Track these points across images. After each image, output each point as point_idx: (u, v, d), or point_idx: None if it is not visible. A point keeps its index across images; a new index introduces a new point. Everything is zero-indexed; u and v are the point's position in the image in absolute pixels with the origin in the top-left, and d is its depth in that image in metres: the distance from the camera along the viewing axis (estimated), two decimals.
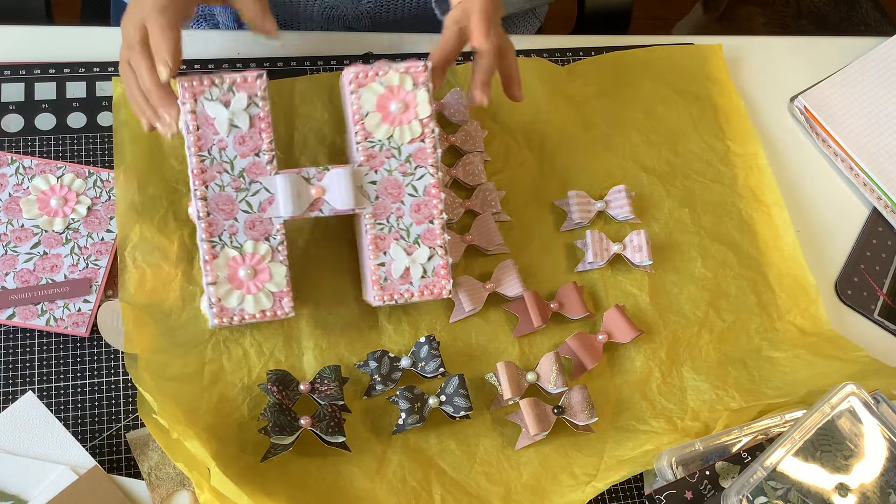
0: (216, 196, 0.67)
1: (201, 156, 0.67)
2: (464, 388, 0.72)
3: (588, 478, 0.72)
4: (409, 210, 0.71)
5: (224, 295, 0.68)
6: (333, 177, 0.70)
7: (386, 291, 0.71)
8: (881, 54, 0.99)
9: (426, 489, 0.70)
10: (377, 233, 0.71)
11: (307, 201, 0.69)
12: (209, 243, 0.68)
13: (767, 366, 0.80)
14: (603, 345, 0.78)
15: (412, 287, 0.71)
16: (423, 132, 0.71)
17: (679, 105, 0.92)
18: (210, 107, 0.67)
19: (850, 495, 0.66)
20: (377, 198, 0.70)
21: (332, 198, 0.70)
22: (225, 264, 0.68)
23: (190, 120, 0.67)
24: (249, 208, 0.68)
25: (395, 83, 0.71)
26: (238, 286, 0.68)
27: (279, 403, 0.68)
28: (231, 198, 0.68)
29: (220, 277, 0.68)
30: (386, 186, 0.71)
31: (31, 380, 0.70)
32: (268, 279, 0.68)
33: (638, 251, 0.82)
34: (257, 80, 0.68)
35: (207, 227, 0.67)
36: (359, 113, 0.71)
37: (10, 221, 0.74)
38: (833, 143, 0.94)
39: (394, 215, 0.71)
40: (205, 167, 0.67)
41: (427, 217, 0.71)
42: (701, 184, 0.89)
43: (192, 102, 0.67)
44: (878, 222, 0.92)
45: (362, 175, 0.70)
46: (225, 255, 0.68)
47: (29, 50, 0.83)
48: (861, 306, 0.87)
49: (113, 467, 0.68)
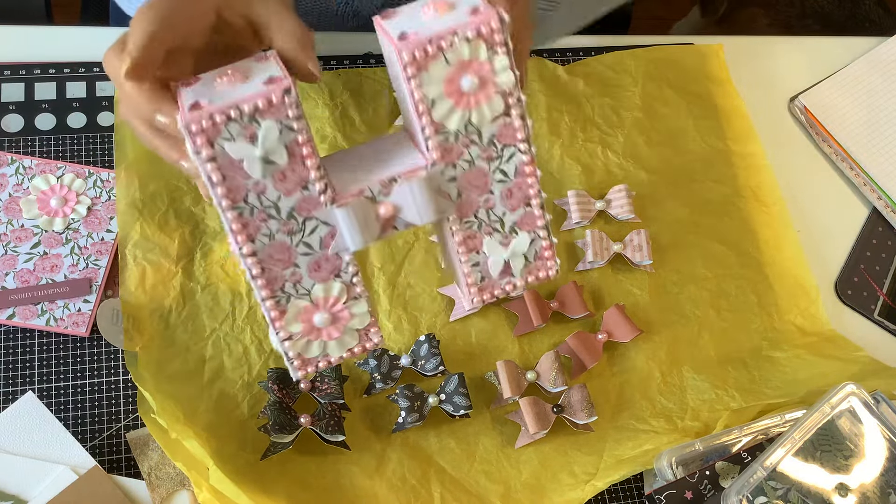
0: (267, 248, 0.54)
1: (237, 209, 0.53)
2: (463, 387, 0.72)
3: (588, 477, 0.72)
4: (499, 198, 0.58)
5: (303, 349, 0.57)
6: (405, 191, 0.55)
7: (484, 291, 0.60)
8: (881, 54, 0.99)
9: (426, 487, 0.70)
10: (466, 233, 0.58)
11: (377, 227, 0.56)
12: (272, 301, 0.55)
13: (767, 365, 0.80)
14: (603, 344, 0.78)
15: (514, 279, 0.60)
16: (506, 105, 0.55)
17: (679, 105, 0.92)
18: (233, 148, 0.51)
19: (850, 495, 0.66)
20: (459, 195, 0.57)
21: (407, 214, 0.56)
22: (296, 318, 0.56)
23: (211, 171, 0.51)
24: (310, 249, 0.55)
25: (466, 56, 0.53)
26: (317, 335, 0.57)
27: (279, 401, 0.68)
28: (285, 244, 0.55)
29: (294, 333, 0.57)
30: (469, 180, 0.57)
31: (31, 380, 0.71)
32: (349, 318, 0.57)
33: (638, 251, 0.82)
34: (285, 98, 0.51)
35: (266, 284, 0.55)
36: (423, 103, 0.54)
37: (10, 221, 0.75)
38: (833, 143, 0.94)
39: (482, 209, 0.58)
40: (245, 220, 0.53)
41: (523, 200, 0.58)
42: (701, 183, 0.89)
43: (207, 149, 0.51)
44: (878, 222, 0.92)
45: (438, 176, 0.56)
46: (294, 308, 0.56)
47: (29, 50, 0.83)
48: (861, 306, 0.87)
49: (113, 467, 0.68)
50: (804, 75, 0.98)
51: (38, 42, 0.84)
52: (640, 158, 0.89)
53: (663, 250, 0.84)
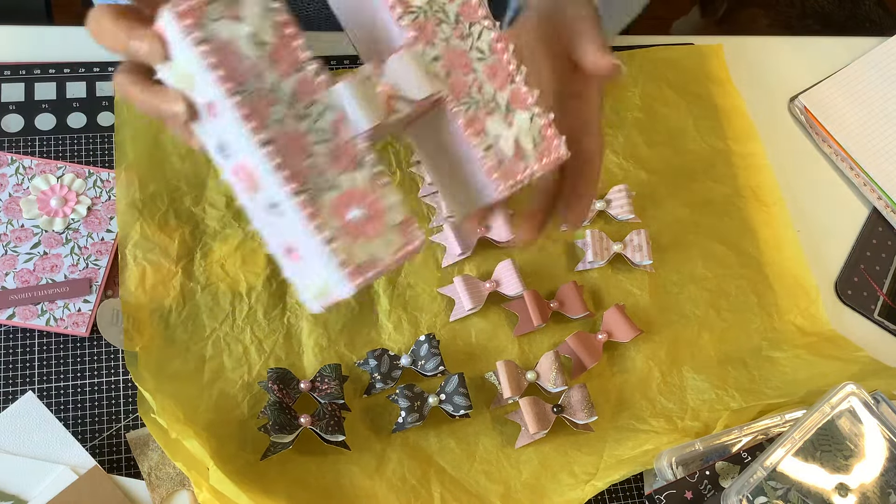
0: (281, 136, 0.51)
1: (240, 93, 0.49)
2: (463, 387, 0.72)
3: (588, 477, 0.72)
4: (485, 78, 0.57)
5: (348, 249, 0.51)
6: (395, 65, 0.55)
7: (508, 176, 0.56)
8: (881, 54, 0.99)
9: (426, 487, 0.70)
10: (467, 115, 0.56)
11: (380, 103, 0.54)
12: (304, 195, 0.50)
13: (767, 365, 0.80)
14: (603, 344, 0.78)
15: (529, 160, 0.57)
16: None
17: (679, 105, 0.92)
18: (221, 29, 0.50)
19: (850, 495, 0.66)
20: (448, 74, 0.56)
21: (405, 89, 0.54)
22: (331, 212, 0.51)
23: (207, 53, 0.49)
24: (323, 136, 0.52)
25: None
26: (358, 233, 0.52)
27: (279, 401, 0.68)
28: (298, 131, 0.51)
29: (336, 230, 0.51)
30: (451, 59, 0.56)
31: (31, 380, 0.70)
32: (385, 209, 0.53)
33: (638, 251, 0.82)
34: None
35: (291, 176, 0.50)
36: None
37: (10, 221, 0.74)
38: (833, 143, 0.94)
39: (473, 87, 0.56)
40: (252, 105, 0.50)
41: (507, 77, 0.57)
42: (701, 183, 0.89)
43: (198, 32, 0.49)
44: (878, 222, 0.92)
45: (420, 54, 0.55)
46: (326, 203, 0.51)
47: (29, 50, 0.83)
48: (861, 306, 0.87)
49: (113, 467, 0.68)
50: (804, 75, 0.98)
51: (38, 42, 0.84)
52: (640, 158, 0.89)
53: (663, 250, 0.84)
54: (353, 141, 0.53)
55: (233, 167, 0.51)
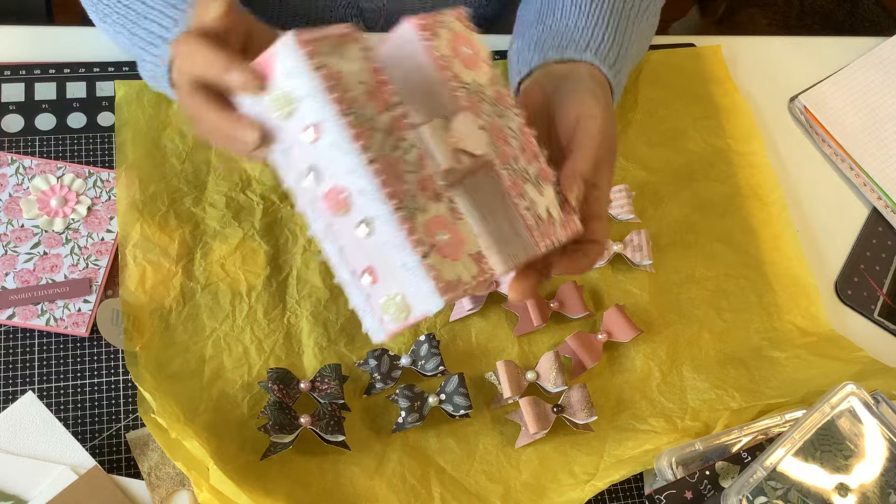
0: (381, 157, 0.55)
1: (350, 112, 0.54)
2: (463, 387, 0.72)
3: (587, 477, 0.72)
4: (518, 152, 0.61)
5: (440, 265, 0.54)
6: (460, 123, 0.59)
7: (545, 235, 0.60)
8: (881, 54, 0.99)
9: (426, 487, 0.70)
10: (511, 177, 0.60)
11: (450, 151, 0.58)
12: (404, 211, 0.54)
13: (767, 365, 0.80)
14: (603, 344, 0.78)
15: (556, 227, 0.61)
16: (492, 74, 0.62)
17: (679, 106, 0.92)
18: (331, 61, 0.55)
19: (850, 495, 0.66)
20: (492, 143, 0.60)
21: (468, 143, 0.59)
22: (425, 231, 0.55)
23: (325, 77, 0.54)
24: (412, 168, 0.56)
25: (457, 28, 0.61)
26: (445, 254, 0.55)
27: (279, 402, 0.68)
28: (395, 157, 0.55)
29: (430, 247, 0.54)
30: (494, 132, 0.60)
31: (31, 380, 0.70)
32: (464, 238, 0.56)
33: (638, 251, 0.82)
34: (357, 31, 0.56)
35: (393, 194, 0.54)
36: (442, 58, 0.59)
37: (10, 221, 0.75)
38: (833, 143, 0.94)
39: (511, 158, 0.61)
40: (359, 126, 0.54)
41: (533, 156, 0.62)
42: (701, 183, 0.89)
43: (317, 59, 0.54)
44: (878, 222, 0.92)
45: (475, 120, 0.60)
46: (420, 222, 0.55)
47: (29, 50, 0.83)
48: (861, 306, 0.87)
49: (113, 467, 0.68)
50: (804, 75, 0.98)
51: (38, 42, 0.84)
52: (640, 158, 0.89)
53: (663, 250, 0.84)
54: (435, 177, 0.57)
55: (326, 191, 0.55)
